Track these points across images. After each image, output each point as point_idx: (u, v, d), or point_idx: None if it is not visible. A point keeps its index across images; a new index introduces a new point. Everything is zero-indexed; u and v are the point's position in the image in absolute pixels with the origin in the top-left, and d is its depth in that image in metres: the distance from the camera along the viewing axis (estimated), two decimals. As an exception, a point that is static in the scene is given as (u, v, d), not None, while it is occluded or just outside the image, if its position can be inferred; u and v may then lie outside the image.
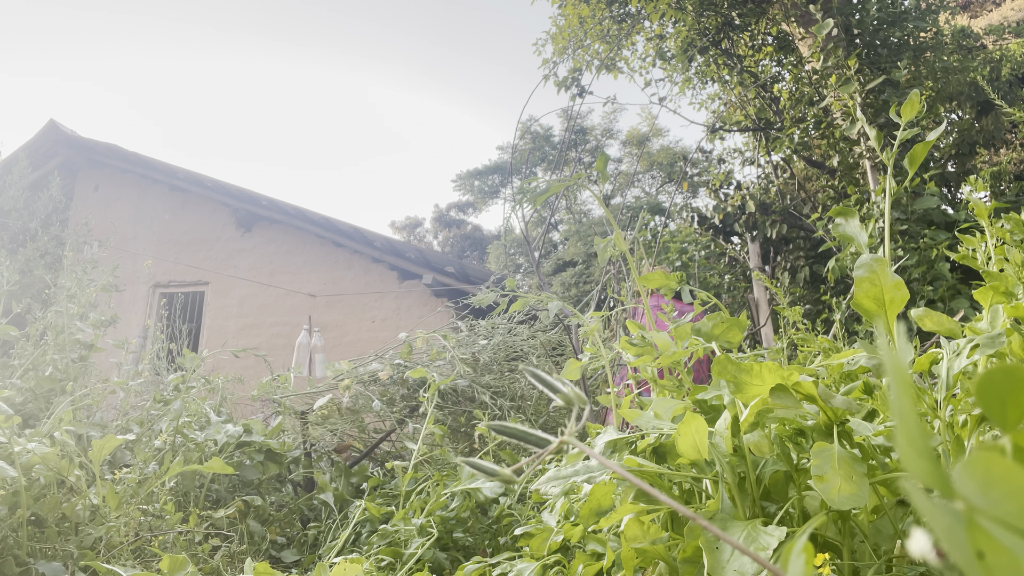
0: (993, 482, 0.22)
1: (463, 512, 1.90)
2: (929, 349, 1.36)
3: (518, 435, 0.67)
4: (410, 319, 8.00)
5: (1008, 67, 6.78)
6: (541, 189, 1.44)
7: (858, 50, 5.40)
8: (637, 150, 22.69)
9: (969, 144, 6.29)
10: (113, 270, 3.15)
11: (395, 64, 61.31)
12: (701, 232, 7.32)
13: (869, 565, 0.89)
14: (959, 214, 5.03)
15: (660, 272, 1.46)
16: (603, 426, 1.18)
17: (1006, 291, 1.10)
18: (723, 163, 7.97)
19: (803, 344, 1.89)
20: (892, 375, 0.25)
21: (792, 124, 6.56)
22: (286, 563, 2.24)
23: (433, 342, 3.62)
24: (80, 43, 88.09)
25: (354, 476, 2.79)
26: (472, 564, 1.44)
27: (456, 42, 58.65)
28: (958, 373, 0.96)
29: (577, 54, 7.69)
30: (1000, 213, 1.47)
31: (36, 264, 7.24)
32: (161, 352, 4.56)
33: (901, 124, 1.14)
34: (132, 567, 1.62)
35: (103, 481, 1.83)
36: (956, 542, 0.22)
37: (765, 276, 3.81)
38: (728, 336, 1.25)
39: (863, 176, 5.50)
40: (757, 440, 0.98)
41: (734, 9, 6.90)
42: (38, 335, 2.67)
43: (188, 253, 9.14)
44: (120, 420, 2.56)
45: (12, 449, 1.58)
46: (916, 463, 0.24)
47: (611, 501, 1.02)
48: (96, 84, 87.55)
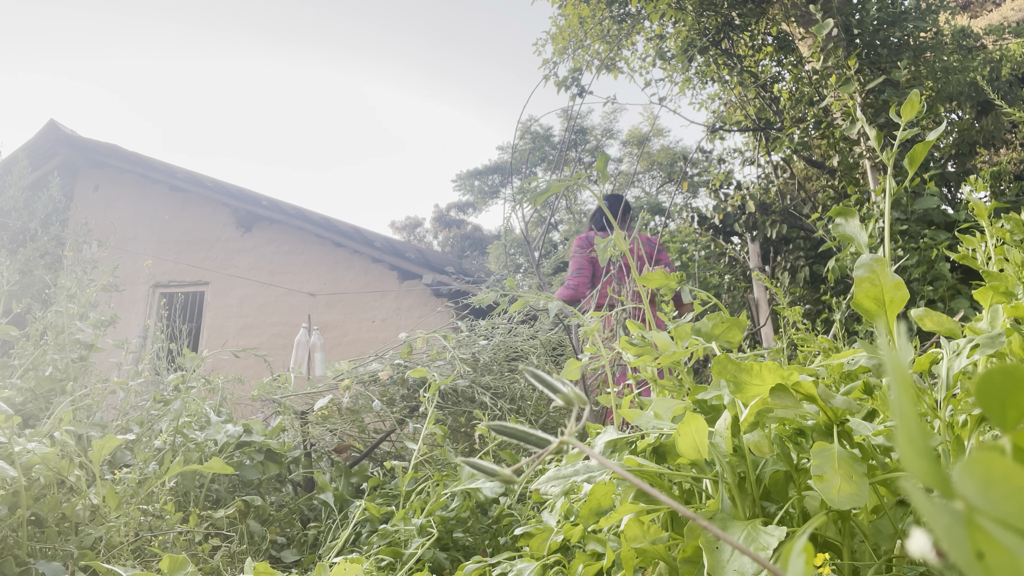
0: (993, 482, 0.22)
1: (463, 512, 1.90)
2: (929, 349, 1.36)
3: (518, 435, 0.67)
4: (410, 319, 8.00)
5: (1008, 67, 6.78)
6: (541, 189, 1.44)
7: (858, 50, 5.40)
8: (637, 150, 22.69)
9: (969, 144, 6.29)
10: (113, 270, 3.15)
11: (395, 64, 61.30)
12: (701, 232, 7.32)
13: (869, 565, 0.89)
14: (959, 214, 5.02)
15: (660, 272, 1.46)
16: (603, 426, 1.18)
17: (1006, 291, 1.10)
18: (723, 163, 7.97)
19: (803, 344, 1.89)
20: (892, 375, 0.25)
21: (792, 124, 6.56)
22: (286, 563, 2.24)
23: (433, 342, 3.62)
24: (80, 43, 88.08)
25: (354, 476, 2.79)
26: (472, 564, 1.44)
27: (456, 42, 58.63)
28: (958, 373, 0.96)
29: (577, 54, 7.69)
30: (1000, 213, 1.47)
31: (36, 264, 7.24)
32: (161, 352, 4.55)
33: (901, 124, 1.14)
34: (132, 567, 1.62)
35: (103, 481, 1.84)
36: (956, 542, 0.22)
37: (765, 276, 3.81)
38: (728, 336, 1.25)
39: (863, 176, 5.50)
40: (757, 440, 0.98)
41: (734, 9, 6.89)
42: (38, 335, 2.67)
43: (188, 253, 9.14)
44: (120, 420, 2.56)
45: (12, 449, 1.58)
46: (916, 463, 0.24)
47: (611, 501, 1.02)
48: (96, 84, 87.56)
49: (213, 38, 71.16)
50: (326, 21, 61.86)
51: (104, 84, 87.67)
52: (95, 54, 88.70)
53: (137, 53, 76.72)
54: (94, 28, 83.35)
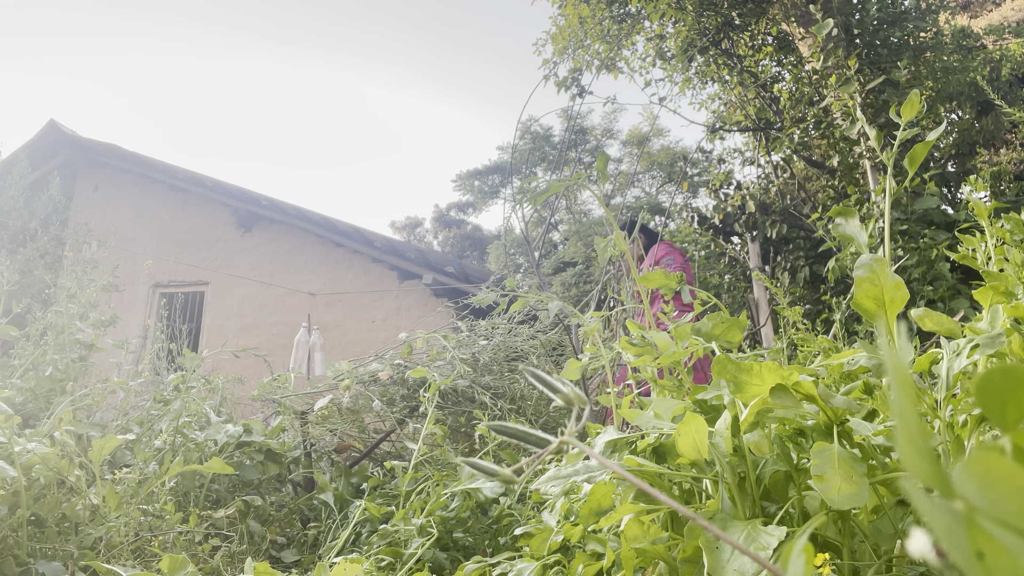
0: (993, 482, 0.22)
1: (463, 512, 1.90)
2: (929, 349, 1.36)
3: (518, 435, 0.67)
4: (410, 319, 8.00)
5: (1008, 67, 6.78)
6: (541, 189, 1.44)
7: (858, 50, 5.40)
8: (637, 150, 22.68)
9: (969, 144, 6.29)
10: (113, 270, 3.15)
11: (395, 64, 61.33)
12: (701, 232, 7.32)
13: (869, 565, 0.89)
14: (959, 214, 5.02)
15: (660, 272, 1.46)
16: (603, 426, 1.18)
17: (1006, 291, 1.10)
18: (723, 163, 7.97)
19: (803, 344, 1.89)
20: (892, 375, 0.25)
21: (792, 124, 6.56)
22: (286, 563, 2.24)
23: (433, 342, 3.62)
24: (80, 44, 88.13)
25: (354, 476, 2.79)
26: (472, 564, 1.44)
27: (456, 42, 58.65)
28: (958, 373, 0.96)
29: (577, 54, 7.69)
30: (1000, 213, 1.47)
31: (36, 264, 7.24)
32: (161, 352, 4.55)
33: (901, 124, 1.14)
34: (132, 567, 1.62)
35: (103, 481, 1.83)
36: (956, 542, 0.22)
37: (765, 276, 3.81)
38: (728, 336, 1.25)
39: (863, 176, 5.50)
40: (757, 440, 0.98)
41: (734, 9, 6.89)
42: (38, 335, 2.67)
43: (188, 253, 9.14)
44: (120, 420, 2.56)
45: (12, 449, 1.58)
46: (916, 463, 0.24)
47: (611, 501, 1.02)
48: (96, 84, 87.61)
49: (213, 38, 71.19)
50: (326, 21, 61.89)
51: (104, 84, 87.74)
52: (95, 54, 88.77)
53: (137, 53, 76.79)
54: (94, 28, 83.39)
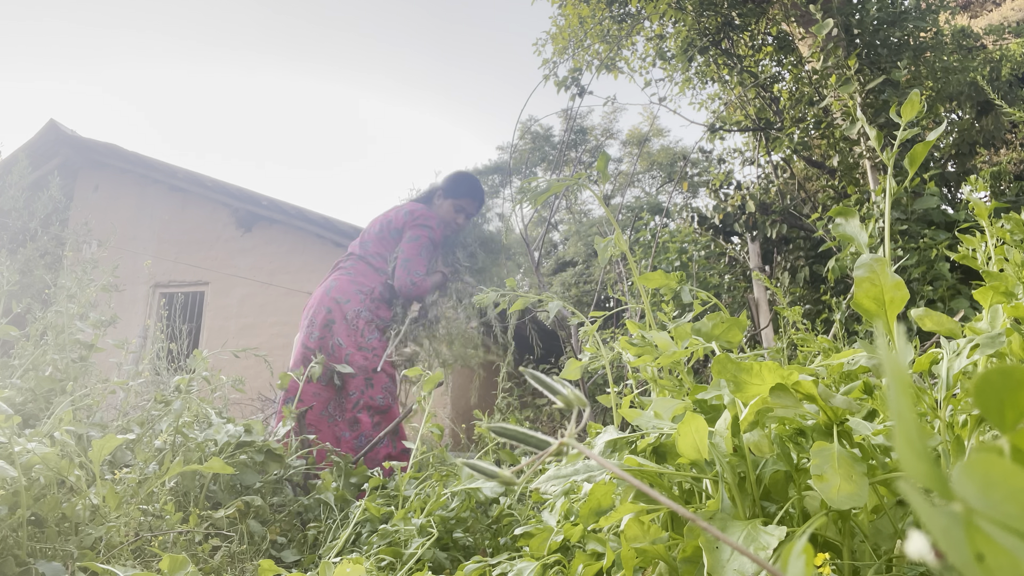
0: (992, 483, 0.22)
1: (463, 512, 1.90)
2: (929, 349, 1.36)
3: (518, 437, 0.67)
4: (410, 319, 7.99)
5: (1008, 67, 6.78)
6: (541, 189, 1.44)
7: (858, 50, 5.40)
8: (637, 150, 22.68)
9: (969, 144, 6.29)
10: (113, 270, 3.15)
11: (395, 64, 61.31)
12: (701, 232, 7.32)
13: (869, 565, 0.89)
14: (959, 214, 5.02)
15: (660, 272, 1.46)
16: (603, 426, 1.18)
17: (1006, 291, 1.10)
18: (723, 163, 7.97)
19: (803, 344, 1.89)
20: (891, 375, 0.25)
21: (792, 124, 6.56)
22: (286, 563, 2.24)
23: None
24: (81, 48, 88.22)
25: (354, 476, 2.79)
26: (472, 564, 1.44)
27: (456, 42, 58.61)
28: (958, 373, 0.96)
29: (577, 54, 7.69)
30: (1000, 213, 1.47)
31: (36, 264, 7.24)
32: (161, 352, 4.55)
33: (901, 124, 1.14)
34: (132, 567, 1.62)
35: (103, 481, 1.84)
36: (955, 544, 0.22)
37: (765, 276, 3.81)
38: (728, 336, 1.25)
39: (863, 176, 5.50)
40: (757, 440, 0.98)
41: (734, 9, 6.89)
42: (38, 335, 2.67)
43: (188, 253, 9.14)
44: (120, 420, 2.56)
45: (12, 449, 1.58)
46: (914, 464, 0.24)
47: (611, 501, 1.02)
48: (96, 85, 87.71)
49: (214, 38, 71.23)
50: (327, 21, 61.92)
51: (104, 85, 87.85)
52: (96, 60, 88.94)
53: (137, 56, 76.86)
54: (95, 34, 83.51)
